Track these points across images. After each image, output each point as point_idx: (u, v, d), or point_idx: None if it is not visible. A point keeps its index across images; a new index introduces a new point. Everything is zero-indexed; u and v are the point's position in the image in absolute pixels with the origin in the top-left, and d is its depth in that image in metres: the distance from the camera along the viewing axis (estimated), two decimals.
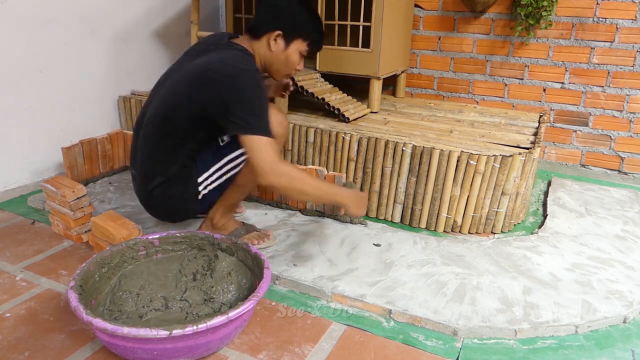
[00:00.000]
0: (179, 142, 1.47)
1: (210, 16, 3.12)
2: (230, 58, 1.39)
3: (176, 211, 1.59)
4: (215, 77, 1.35)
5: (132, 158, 1.59)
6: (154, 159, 1.49)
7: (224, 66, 1.36)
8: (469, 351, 1.23)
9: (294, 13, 1.46)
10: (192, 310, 1.25)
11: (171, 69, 1.55)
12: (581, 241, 1.75)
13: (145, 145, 1.50)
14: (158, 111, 1.46)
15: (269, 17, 1.47)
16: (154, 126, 1.47)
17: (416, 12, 2.75)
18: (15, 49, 2.01)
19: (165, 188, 1.50)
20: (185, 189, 1.52)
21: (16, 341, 1.20)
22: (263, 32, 1.47)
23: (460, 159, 1.73)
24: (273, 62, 1.51)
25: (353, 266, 1.54)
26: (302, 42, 1.49)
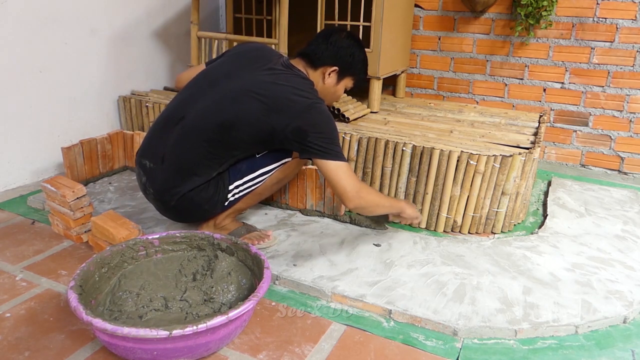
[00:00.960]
0: (230, 150, 1.48)
1: (210, 16, 3.12)
2: (302, 87, 1.47)
3: (201, 214, 1.58)
4: (292, 105, 1.42)
5: (150, 149, 1.53)
6: (196, 160, 1.47)
7: (299, 95, 1.44)
8: (469, 351, 1.23)
9: (354, 55, 1.58)
10: (192, 310, 1.25)
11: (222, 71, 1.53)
12: (581, 241, 1.75)
13: (185, 143, 1.46)
14: (214, 115, 1.44)
15: (330, 52, 1.55)
16: (206, 129, 1.45)
17: (416, 12, 2.75)
18: (15, 49, 2.01)
19: (199, 192, 1.49)
20: (215, 194, 1.52)
21: (16, 341, 1.20)
22: (321, 65, 1.56)
23: (460, 159, 1.73)
24: (322, 93, 1.57)
25: (353, 266, 1.54)
26: (351, 80, 1.63)
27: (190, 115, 1.47)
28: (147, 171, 1.54)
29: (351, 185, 1.41)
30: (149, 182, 1.54)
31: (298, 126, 1.40)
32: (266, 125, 1.43)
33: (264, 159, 1.57)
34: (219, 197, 1.53)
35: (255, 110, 1.42)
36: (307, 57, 1.57)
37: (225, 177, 1.53)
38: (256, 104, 1.42)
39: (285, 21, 2.12)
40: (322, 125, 1.42)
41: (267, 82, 1.45)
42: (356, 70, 1.60)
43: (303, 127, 1.40)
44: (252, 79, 1.46)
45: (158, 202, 1.56)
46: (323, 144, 1.41)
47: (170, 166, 1.49)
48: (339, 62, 1.56)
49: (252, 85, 1.45)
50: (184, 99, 1.53)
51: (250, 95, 1.43)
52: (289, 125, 1.41)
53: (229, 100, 1.44)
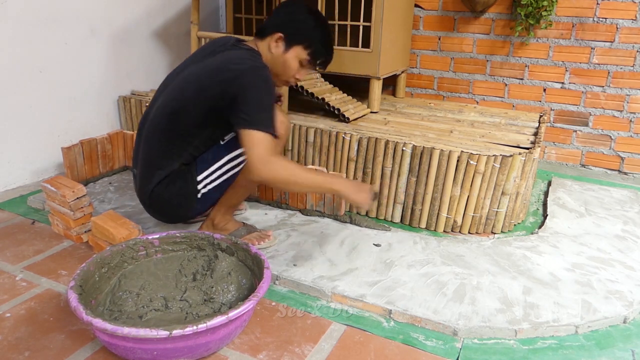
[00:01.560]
0: (184, 137, 1.48)
1: (210, 16, 3.12)
2: (238, 56, 1.44)
3: (175, 210, 1.57)
4: (225, 73, 1.39)
5: (134, 158, 1.60)
6: (157, 154, 1.49)
7: (232, 62, 1.41)
8: (469, 351, 1.23)
9: (299, 20, 1.48)
10: (192, 310, 1.25)
11: (176, 70, 1.56)
12: (581, 241, 1.75)
13: (148, 141, 1.51)
14: (165, 108, 1.47)
15: (275, 20, 1.51)
16: (160, 122, 1.48)
17: (416, 12, 2.75)
18: (15, 49, 2.01)
19: (166, 185, 1.49)
20: (184, 186, 1.51)
21: (16, 341, 1.20)
22: (267, 34, 1.50)
23: (460, 159, 1.73)
24: (273, 65, 1.51)
25: (353, 266, 1.54)
26: (303, 50, 1.49)
27: (150, 117, 1.52)
28: (135, 178, 1.60)
29: (257, 155, 1.29)
30: (136, 188, 1.60)
31: (228, 92, 1.36)
32: (205, 100, 1.41)
33: (228, 145, 1.52)
34: (188, 190, 1.51)
35: (195, 91, 1.42)
36: (258, 31, 1.54)
37: (192, 169, 1.51)
38: (194, 85, 1.42)
39: None
40: (253, 91, 1.34)
41: (205, 63, 1.45)
42: (306, 37, 1.47)
43: (232, 91, 1.35)
44: (196, 67, 1.47)
45: (142, 204, 1.60)
46: (250, 111, 1.33)
47: (141, 167, 1.53)
48: (282, 28, 1.47)
49: (196, 70, 1.46)
50: (150, 105, 1.58)
51: (190, 80, 1.44)
52: (224, 96, 1.37)
53: (173, 91, 1.47)
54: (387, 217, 1.90)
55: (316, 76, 2.33)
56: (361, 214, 1.85)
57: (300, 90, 2.14)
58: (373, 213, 1.92)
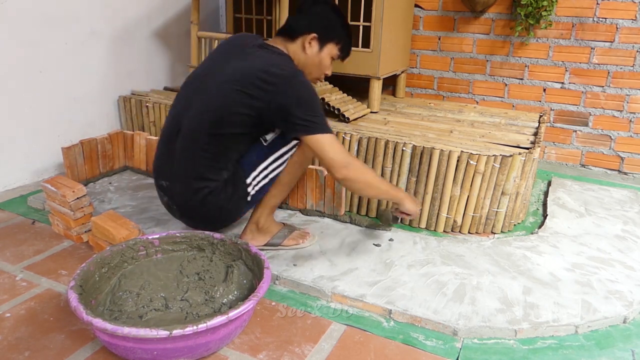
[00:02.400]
0: (228, 146, 1.46)
1: (210, 16, 3.12)
2: (276, 62, 1.43)
3: (227, 215, 1.55)
4: (269, 82, 1.38)
5: (162, 169, 1.53)
6: (201, 165, 1.45)
7: (274, 70, 1.39)
8: (469, 351, 1.23)
9: (329, 18, 1.52)
10: (192, 310, 1.25)
11: (203, 72, 1.52)
12: (581, 241, 1.75)
13: (188, 152, 1.45)
14: (203, 117, 1.43)
15: (305, 21, 1.51)
16: (201, 132, 1.43)
17: (416, 12, 2.75)
18: (15, 49, 2.01)
19: (217, 194, 1.47)
20: (235, 191, 1.49)
21: (16, 341, 1.20)
22: (298, 35, 1.51)
23: (460, 159, 1.73)
24: (307, 65, 1.52)
25: (353, 266, 1.54)
26: (334, 46, 1.54)
27: (185, 125, 1.47)
28: (166, 190, 1.53)
29: (339, 156, 1.38)
30: (170, 201, 1.54)
31: (279, 103, 1.37)
32: (250, 110, 1.40)
33: (273, 145, 1.53)
34: (239, 194, 1.51)
35: (236, 99, 1.40)
36: (284, 32, 1.53)
37: (240, 172, 1.50)
38: (234, 93, 1.39)
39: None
40: (302, 98, 1.38)
41: (240, 67, 1.42)
42: (337, 34, 1.53)
43: (283, 102, 1.37)
44: (227, 70, 1.44)
45: (184, 217, 1.55)
46: (306, 117, 1.37)
47: (182, 179, 1.47)
48: (315, 28, 1.49)
49: (228, 75, 1.42)
50: (177, 111, 1.52)
51: (227, 86, 1.41)
52: (270, 105, 1.38)
53: (211, 98, 1.43)
54: None
55: None
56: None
57: None
58: (373, 213, 1.92)
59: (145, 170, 2.23)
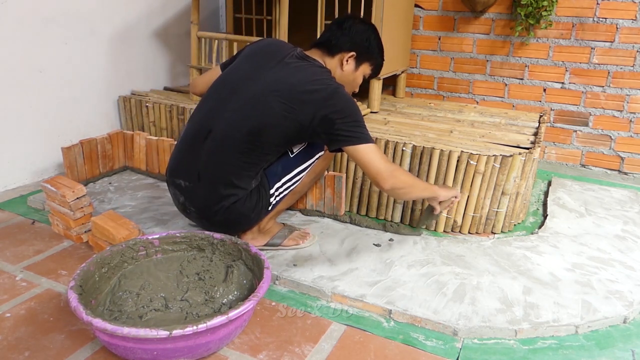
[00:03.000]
0: (262, 156, 1.45)
1: (210, 16, 3.12)
2: (319, 76, 1.44)
3: (246, 222, 1.54)
4: (314, 95, 1.39)
5: (182, 168, 1.49)
6: (233, 173, 1.43)
7: (318, 84, 1.41)
8: (469, 351, 1.23)
9: (369, 38, 1.55)
10: (192, 310, 1.25)
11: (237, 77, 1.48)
12: (581, 241, 1.75)
13: (220, 157, 1.43)
14: (242, 124, 1.41)
15: (346, 38, 1.53)
16: (236, 140, 1.41)
17: (416, 12, 2.75)
18: (15, 49, 2.01)
19: (243, 202, 1.46)
20: (259, 200, 1.49)
21: (16, 341, 1.20)
22: (338, 51, 1.53)
23: (460, 159, 1.73)
24: (341, 81, 1.53)
25: (353, 266, 1.54)
26: (369, 66, 1.59)
27: (217, 128, 1.43)
28: (184, 190, 1.49)
29: (384, 166, 1.39)
30: (188, 201, 1.50)
31: (324, 115, 1.38)
32: (292, 122, 1.40)
33: (298, 157, 1.55)
34: (262, 203, 1.51)
35: (278, 110, 1.39)
36: (323, 45, 1.55)
37: (264, 182, 1.50)
38: (277, 104, 1.39)
39: (285, 21, 2.11)
40: (346, 110, 1.40)
41: (283, 77, 1.42)
42: (374, 54, 1.58)
43: (329, 115, 1.38)
44: (268, 78, 1.43)
45: (202, 219, 1.53)
46: (351, 129, 1.39)
47: (208, 182, 1.44)
48: (355, 47, 1.53)
49: (269, 84, 1.42)
50: (208, 110, 1.48)
51: (269, 96, 1.40)
52: (315, 117, 1.38)
53: (250, 105, 1.41)
54: (387, 217, 1.90)
55: None
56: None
57: None
58: (373, 213, 1.92)
59: (145, 170, 2.23)
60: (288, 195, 1.60)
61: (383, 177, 1.39)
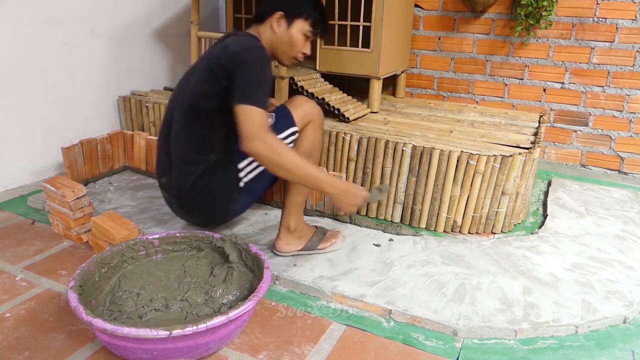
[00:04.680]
0: (209, 126, 1.46)
1: (210, 16, 3.12)
2: (239, 40, 1.46)
3: (219, 203, 1.53)
4: (225, 55, 1.41)
5: (160, 167, 1.57)
6: (189, 150, 1.47)
7: (234, 46, 1.42)
8: (469, 351, 1.23)
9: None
10: (192, 310, 1.25)
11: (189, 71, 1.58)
12: (581, 241, 1.75)
13: (177, 142, 1.49)
14: (185, 104, 1.48)
15: (269, 1, 1.53)
16: (183, 118, 1.48)
17: (416, 12, 2.75)
18: (15, 49, 2.01)
19: (207, 178, 1.47)
20: (226, 175, 1.49)
21: (16, 341, 1.20)
22: (266, 16, 1.53)
23: (460, 159, 1.73)
24: (279, 45, 1.54)
25: (353, 266, 1.54)
26: (304, 22, 1.53)
27: (175, 119, 1.52)
28: (165, 186, 1.56)
29: (254, 126, 1.28)
30: (169, 196, 1.56)
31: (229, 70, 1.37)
32: (220, 87, 1.41)
33: None
34: (231, 179, 1.50)
35: (206, 80, 1.43)
36: (255, 19, 1.57)
37: (230, 158, 1.50)
38: (204, 75, 1.44)
39: None
40: (251, 69, 1.36)
41: (209, 53, 1.50)
42: (304, 8, 1.52)
43: (232, 69, 1.37)
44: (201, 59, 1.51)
45: (181, 209, 1.56)
46: (242, 86, 1.33)
47: (175, 170, 1.50)
48: (281, 6, 1.50)
49: (203, 62, 1.48)
50: (168, 109, 1.57)
51: (200, 73, 1.47)
52: (225, 74, 1.39)
53: (191, 85, 1.48)
54: (387, 217, 1.90)
55: (316, 76, 2.33)
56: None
57: (301, 90, 2.14)
58: (373, 213, 1.92)
59: (145, 170, 2.23)
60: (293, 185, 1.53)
61: (245, 137, 1.28)
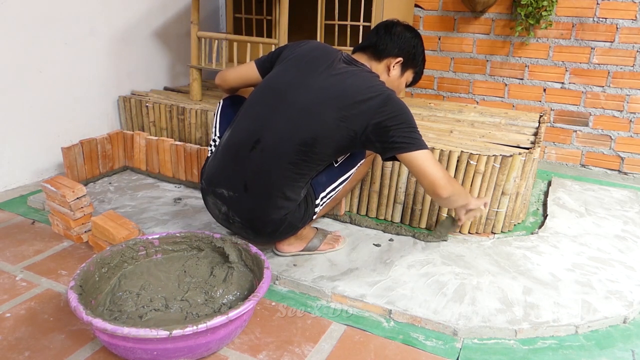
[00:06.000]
0: (314, 167, 1.42)
1: (210, 16, 3.12)
2: (371, 82, 1.41)
3: (294, 232, 1.52)
4: (368, 103, 1.35)
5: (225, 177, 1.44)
6: (285, 185, 1.39)
7: (372, 91, 1.37)
8: (469, 351, 1.23)
9: (416, 45, 1.55)
10: (192, 310, 1.25)
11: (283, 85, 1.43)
12: (581, 241, 1.75)
13: (271, 167, 1.38)
14: (294, 136, 1.36)
15: (395, 44, 1.52)
16: (289, 152, 1.37)
17: (416, 12, 2.75)
18: (15, 49, 2.01)
19: (293, 213, 1.44)
20: (306, 211, 1.48)
21: (16, 341, 1.20)
22: (385, 56, 1.52)
23: (460, 159, 1.73)
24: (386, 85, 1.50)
25: (353, 266, 1.54)
26: (412, 73, 1.59)
27: (267, 137, 1.38)
28: (227, 200, 1.44)
29: (441, 174, 1.36)
30: (232, 212, 1.45)
31: (377, 122, 1.34)
32: (346, 131, 1.36)
33: (342, 166, 1.53)
34: (309, 213, 1.49)
35: (331, 120, 1.35)
36: (369, 49, 1.53)
37: (311, 193, 1.48)
38: (330, 112, 1.35)
39: (285, 21, 2.11)
40: (401, 116, 1.36)
41: (334, 84, 1.38)
42: (418, 62, 1.58)
43: (383, 122, 1.34)
44: (318, 86, 1.39)
45: (247, 229, 1.48)
46: (405, 135, 1.35)
47: (257, 194, 1.40)
48: (402, 54, 1.52)
49: (321, 92, 1.38)
50: (255, 118, 1.43)
51: (322, 105, 1.37)
52: (369, 125, 1.35)
53: (302, 115, 1.37)
54: (387, 217, 1.90)
55: None
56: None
57: None
58: (373, 213, 1.92)
59: (145, 170, 2.23)
60: (328, 203, 1.57)
61: (441, 186, 1.35)
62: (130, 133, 2.21)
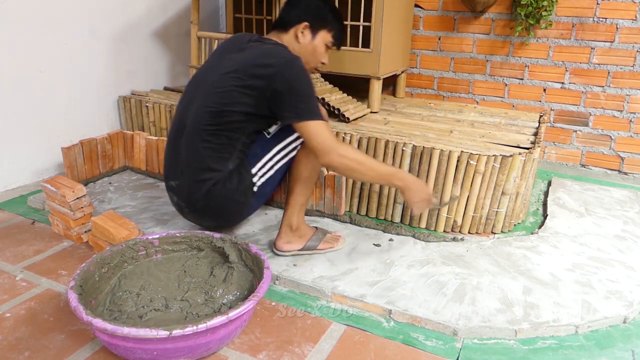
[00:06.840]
0: (230, 136, 1.47)
1: (210, 16, 3.12)
2: (270, 50, 1.47)
3: (234, 207, 1.55)
4: (264, 68, 1.41)
5: (171, 169, 1.56)
6: (206, 157, 1.46)
7: (268, 57, 1.43)
8: (469, 351, 1.23)
9: (318, 6, 1.56)
10: (192, 310, 1.25)
11: (203, 71, 1.56)
12: (581, 241, 1.75)
13: (193, 146, 1.48)
14: (204, 109, 1.46)
15: (295, 11, 1.55)
16: (202, 124, 1.46)
17: (416, 12, 2.75)
18: (16, 49, 2.01)
19: (223, 184, 1.48)
20: (240, 181, 1.51)
21: (16, 341, 1.20)
22: (291, 25, 1.55)
23: (460, 159, 1.73)
24: (301, 54, 1.54)
25: (353, 266, 1.54)
26: (327, 33, 1.58)
27: (188, 121, 1.50)
28: (175, 190, 1.55)
29: (327, 141, 1.38)
30: (179, 199, 1.55)
31: (274, 89, 1.39)
32: (247, 97, 1.42)
33: (275, 137, 1.56)
34: (245, 184, 1.52)
35: (232, 87, 1.43)
36: (277, 25, 1.58)
37: (245, 164, 1.52)
38: (231, 81, 1.43)
39: None
40: (296, 84, 1.40)
41: (235, 59, 1.47)
42: (328, 20, 1.57)
43: (278, 89, 1.39)
44: (223, 64, 1.48)
45: (193, 213, 1.56)
46: (297, 104, 1.39)
47: (188, 174, 1.49)
48: (306, 17, 1.54)
49: (224, 68, 1.46)
50: (182, 108, 1.55)
51: (226, 77, 1.44)
52: (266, 91, 1.40)
53: (209, 90, 1.46)
54: (387, 217, 1.90)
55: (316, 76, 2.33)
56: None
57: None
58: (373, 213, 1.92)
59: (145, 170, 2.23)
60: (298, 184, 1.55)
61: (322, 152, 1.38)
62: (130, 133, 2.21)
